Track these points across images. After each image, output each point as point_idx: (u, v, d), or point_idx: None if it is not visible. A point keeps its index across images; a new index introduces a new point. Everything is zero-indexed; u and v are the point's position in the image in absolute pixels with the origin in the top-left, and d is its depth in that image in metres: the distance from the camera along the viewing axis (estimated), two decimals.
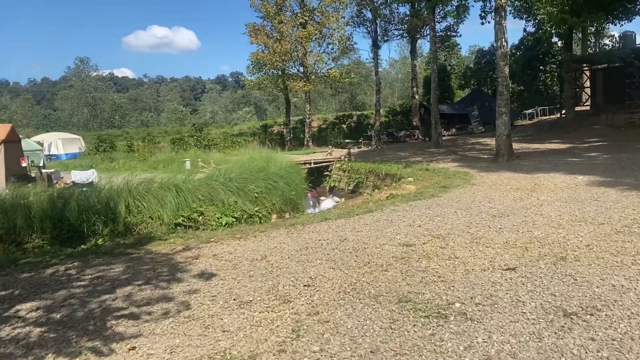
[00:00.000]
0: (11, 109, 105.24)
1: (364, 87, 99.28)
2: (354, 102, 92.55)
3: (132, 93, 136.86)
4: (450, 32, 38.04)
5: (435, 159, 21.09)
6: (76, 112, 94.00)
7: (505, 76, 17.91)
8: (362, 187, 19.56)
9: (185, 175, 12.87)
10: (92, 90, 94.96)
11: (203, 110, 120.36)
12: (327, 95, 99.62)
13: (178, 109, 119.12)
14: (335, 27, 33.41)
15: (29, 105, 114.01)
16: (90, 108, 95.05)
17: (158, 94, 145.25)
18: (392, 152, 27.49)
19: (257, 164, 15.76)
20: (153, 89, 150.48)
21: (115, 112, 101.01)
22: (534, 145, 24.30)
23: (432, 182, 13.91)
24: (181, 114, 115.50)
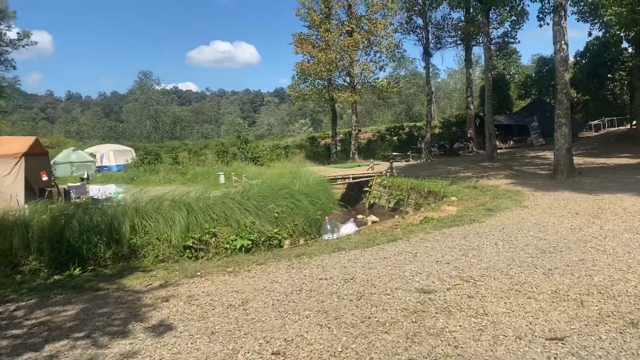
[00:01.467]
0: (80, 121, 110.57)
1: (420, 98, 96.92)
2: (410, 113, 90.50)
3: (194, 106, 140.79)
4: (508, 38, 35.70)
5: (486, 175, 19.25)
6: (139, 124, 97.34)
7: (565, 83, 15.94)
8: (404, 205, 18.00)
9: (200, 192, 11.83)
10: (155, 103, 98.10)
11: (260, 123, 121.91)
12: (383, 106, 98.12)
13: (236, 122, 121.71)
14: (384, 34, 31.96)
15: (97, 117, 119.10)
16: (153, 120, 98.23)
17: (219, 106, 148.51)
18: (441, 166, 25.69)
19: (285, 179, 14.58)
20: (214, 102, 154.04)
21: (175, 125, 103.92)
22: (600, 159, 21.92)
23: (476, 203, 12.24)
24: (239, 126, 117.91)
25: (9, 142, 15.00)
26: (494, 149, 25.50)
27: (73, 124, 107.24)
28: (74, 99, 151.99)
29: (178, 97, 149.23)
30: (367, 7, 32.17)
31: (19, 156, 14.00)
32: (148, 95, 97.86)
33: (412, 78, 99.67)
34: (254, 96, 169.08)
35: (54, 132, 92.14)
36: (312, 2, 32.15)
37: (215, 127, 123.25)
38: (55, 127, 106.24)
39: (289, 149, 42.36)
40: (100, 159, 38.81)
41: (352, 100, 33.14)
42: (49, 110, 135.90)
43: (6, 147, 14.14)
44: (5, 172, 13.92)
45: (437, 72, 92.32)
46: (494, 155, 25.15)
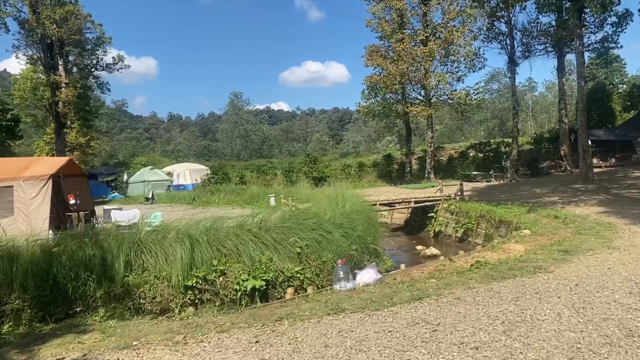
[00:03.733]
0: (177, 140, 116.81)
1: None
2: (503, 129, 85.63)
3: (284, 125, 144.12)
4: (608, 42, 31.55)
5: (576, 200, 16.21)
6: (230, 143, 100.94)
7: None
8: (472, 235, 15.44)
9: (212, 222, 10.25)
10: (244, 122, 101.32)
11: (347, 141, 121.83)
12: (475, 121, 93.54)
13: (321, 139, 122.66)
14: (463, 43, 29.28)
15: (193, 137, 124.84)
16: (242, 139, 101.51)
17: (307, 125, 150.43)
18: (526, 187, 22.59)
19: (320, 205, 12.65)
20: (304, 121, 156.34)
21: (264, 143, 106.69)
22: None
23: (552, 240, 9.65)
24: (324, 144, 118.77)
25: (41, 163, 14.42)
26: (589, 168, 21.97)
27: (171, 143, 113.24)
28: (174, 120, 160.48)
29: (269, 117, 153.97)
30: (443, 14, 29.71)
31: (47, 178, 13.28)
32: (238, 115, 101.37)
33: (507, 92, 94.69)
34: (342, 114, 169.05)
35: (155, 151, 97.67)
36: (383, 12, 30.22)
37: (303, 145, 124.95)
38: (156, 146, 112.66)
39: (364, 168, 40.40)
40: (177, 177, 39.14)
41: (427, 115, 30.59)
42: (152, 130, 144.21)
43: (35, 169, 13.51)
44: (32, 195, 13.25)
45: (535, 85, 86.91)
46: (589, 176, 21.65)
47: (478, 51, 30.37)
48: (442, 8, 29.82)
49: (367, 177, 37.27)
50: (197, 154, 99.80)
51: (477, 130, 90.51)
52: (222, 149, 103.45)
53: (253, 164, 58.60)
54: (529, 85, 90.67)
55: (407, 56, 28.08)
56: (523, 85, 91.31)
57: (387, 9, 29.97)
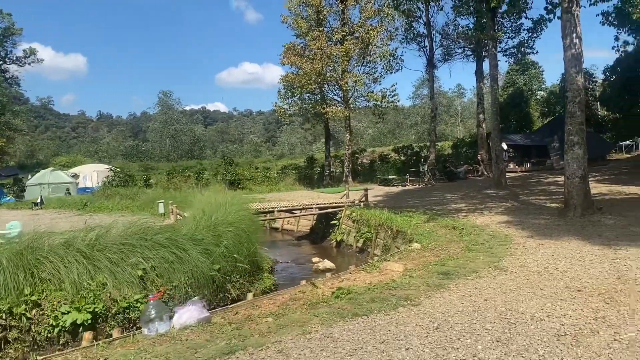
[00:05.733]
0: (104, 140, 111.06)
1: (444, 117, 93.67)
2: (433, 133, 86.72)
3: (219, 126, 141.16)
4: (525, 48, 31.65)
5: (483, 207, 15.33)
6: (159, 143, 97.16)
7: (578, 89, 12.02)
8: (372, 246, 14.16)
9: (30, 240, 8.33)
10: (175, 122, 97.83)
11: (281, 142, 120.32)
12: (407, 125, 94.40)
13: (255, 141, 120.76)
14: (380, 43, 28.33)
15: (123, 137, 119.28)
16: (172, 140, 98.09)
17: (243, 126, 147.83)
18: (438, 193, 21.78)
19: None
20: (240, 122, 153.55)
21: (195, 144, 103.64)
22: (630, 188, 17.73)
23: (438, 258, 8.41)
24: (257, 145, 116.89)
25: None
26: (502, 173, 21.41)
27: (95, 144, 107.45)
28: (104, 119, 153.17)
29: (205, 117, 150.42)
30: (361, 12, 28.60)
31: None
32: (168, 115, 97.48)
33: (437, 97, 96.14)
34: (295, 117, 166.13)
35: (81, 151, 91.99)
36: (299, 8, 28.76)
37: (239, 146, 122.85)
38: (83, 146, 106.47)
39: (286, 171, 38.86)
40: (83, 179, 36.01)
41: (343, 116, 29.42)
42: (79, 129, 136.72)
43: None
44: None
45: (464, 92, 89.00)
46: (501, 181, 21.07)
47: (395, 52, 29.54)
48: (359, 6, 28.74)
49: (288, 180, 35.75)
50: (124, 155, 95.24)
51: (409, 134, 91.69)
52: (152, 150, 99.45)
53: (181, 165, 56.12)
54: (458, 91, 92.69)
55: (323, 55, 26.75)
56: (452, 92, 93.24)
57: (303, 5, 28.55)
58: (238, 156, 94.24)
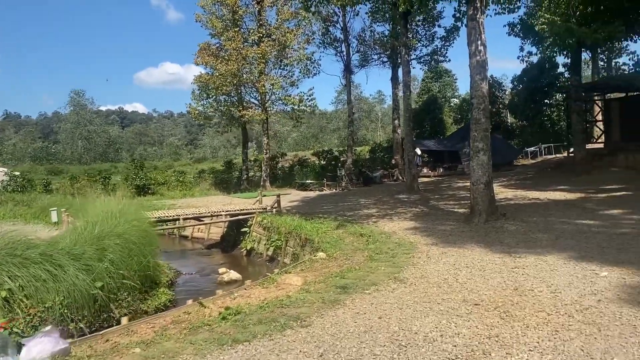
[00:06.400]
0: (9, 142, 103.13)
1: (365, 123, 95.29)
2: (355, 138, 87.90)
3: (137, 127, 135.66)
4: (438, 56, 32.56)
5: (393, 212, 15.25)
6: (71, 145, 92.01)
7: (483, 96, 12.15)
8: (282, 254, 13.65)
9: None
10: (87, 123, 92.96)
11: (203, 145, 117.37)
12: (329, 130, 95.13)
13: (174, 144, 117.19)
14: (296, 46, 27.99)
15: (31, 138, 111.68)
16: (85, 141, 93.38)
17: (163, 128, 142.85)
18: (353, 198, 21.65)
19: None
20: (160, 124, 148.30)
21: (109, 146, 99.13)
22: (534, 192, 18.37)
23: (340, 269, 8.02)
24: (176, 148, 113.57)
25: None
26: (414, 178, 21.65)
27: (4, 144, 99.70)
28: (11, 118, 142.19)
29: (122, 119, 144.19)
30: (277, 14, 28.11)
31: None
32: (80, 115, 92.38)
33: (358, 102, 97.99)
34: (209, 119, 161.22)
35: None
36: (214, 6, 27.80)
37: (158, 149, 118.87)
38: None
39: (203, 175, 37.57)
40: None
41: (260, 119, 28.75)
42: None
43: None
44: None
45: (384, 98, 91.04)
46: (414, 186, 21.29)
47: (312, 56, 29.34)
48: (276, 8, 28.24)
49: (204, 185, 34.53)
50: (33, 157, 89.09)
51: (332, 138, 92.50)
52: (63, 152, 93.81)
53: (94, 169, 53.23)
54: (379, 97, 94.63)
55: (239, 56, 25.97)
56: (373, 98, 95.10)
57: (218, 4, 27.61)
58: (157, 159, 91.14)
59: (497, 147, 34.10)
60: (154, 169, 47.81)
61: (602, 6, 19.58)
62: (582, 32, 18.57)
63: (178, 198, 26.69)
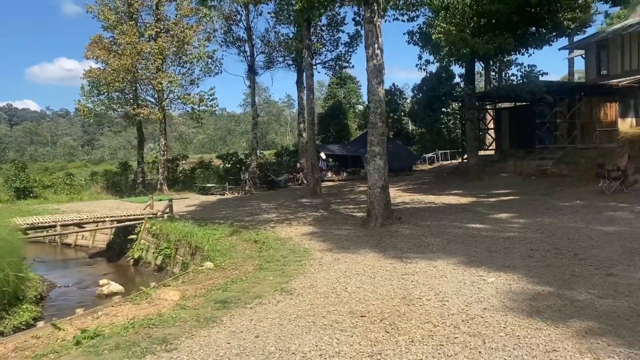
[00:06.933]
0: None
1: (274, 126, 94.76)
2: (263, 141, 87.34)
3: (27, 126, 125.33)
4: (342, 61, 32.85)
5: (293, 217, 14.85)
6: None
7: (380, 100, 12.09)
8: (171, 264, 12.76)
9: None
10: None
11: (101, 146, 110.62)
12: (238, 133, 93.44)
13: (69, 144, 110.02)
14: (197, 43, 26.88)
15: None
16: None
17: (58, 127, 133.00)
18: (255, 202, 21.03)
19: None
20: (54, 122, 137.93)
21: None
22: (430, 196, 18.83)
23: (226, 279, 7.44)
24: (71, 148, 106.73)
25: None
26: (317, 182, 21.48)
27: None
28: None
29: (11, 116, 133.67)
30: (177, 9, 26.84)
31: None
32: None
33: (267, 106, 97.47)
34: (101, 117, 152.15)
35: None
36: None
37: (52, 149, 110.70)
38: None
39: (95, 177, 35.08)
40: None
41: (157, 119, 27.28)
42: None
43: None
44: None
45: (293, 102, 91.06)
46: (316, 190, 21.11)
47: (213, 54, 28.37)
48: (175, 3, 26.96)
49: (96, 188, 32.24)
50: None
51: (240, 141, 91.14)
52: None
53: None
54: (288, 101, 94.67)
55: (133, 51, 24.44)
56: (283, 101, 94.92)
57: None
58: (49, 160, 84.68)
59: (398, 152, 35.09)
60: (45, 170, 44.13)
61: (493, 19, 20.49)
62: (475, 42, 19.35)
63: (64, 202, 24.60)
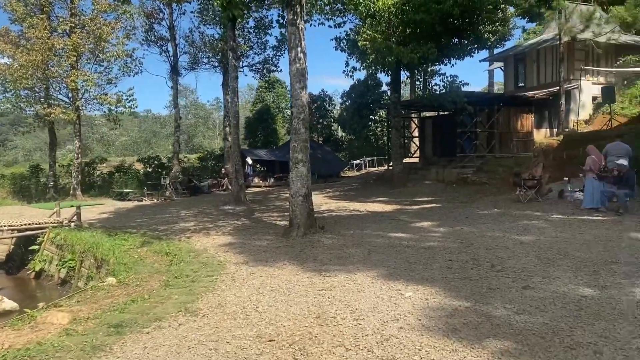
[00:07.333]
0: None
1: (202, 129, 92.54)
2: (190, 144, 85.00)
3: None
4: (270, 64, 32.38)
5: (213, 226, 14.17)
6: None
7: (303, 105, 11.73)
8: (75, 277, 11.74)
9: None
10: None
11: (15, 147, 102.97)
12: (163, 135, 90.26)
13: None
14: (115, 41, 25.46)
15: None
16: None
17: None
18: (175, 208, 20.09)
19: None
20: None
21: None
22: (355, 204, 18.72)
23: (127, 298, 6.73)
24: None
25: None
26: (241, 188, 20.81)
27: None
28: None
29: None
30: (94, 4, 25.29)
31: None
32: None
33: (194, 108, 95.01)
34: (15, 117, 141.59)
35: None
36: None
37: None
38: None
39: (3, 180, 32.48)
40: None
41: (69, 119, 25.53)
42: None
43: None
44: None
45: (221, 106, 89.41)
46: (240, 197, 20.45)
47: (133, 53, 27.00)
48: None
49: (2, 192, 29.83)
50: None
51: (166, 144, 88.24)
52: None
53: None
54: (217, 104, 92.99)
55: (44, 46, 22.73)
56: (211, 104, 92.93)
57: None
58: None
59: (326, 158, 35.08)
60: None
61: (418, 29, 20.75)
62: (400, 51, 19.50)
63: None
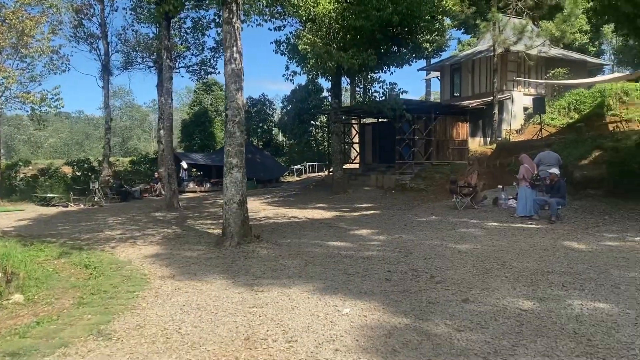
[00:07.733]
0: None
1: (137, 132, 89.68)
2: (125, 147, 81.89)
3: None
4: (207, 66, 31.48)
5: (140, 234, 13.32)
6: None
7: (239, 107, 11.18)
8: None
9: None
10: None
11: None
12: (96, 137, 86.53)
13: None
14: (40, 37, 23.87)
15: None
16: None
17: None
18: (102, 215, 18.91)
19: None
20: None
21: None
22: (294, 210, 18.31)
23: (30, 321, 5.96)
24: None
25: None
26: (174, 194, 19.92)
27: None
28: None
29: None
30: None
31: None
32: None
33: (129, 110, 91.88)
34: None
35: None
36: None
37: None
38: None
39: None
40: None
41: None
42: None
43: None
44: None
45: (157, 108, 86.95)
46: (173, 203, 19.57)
47: (59, 49, 25.42)
48: None
49: None
50: None
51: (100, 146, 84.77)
52: None
53: None
54: (154, 106, 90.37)
55: None
56: (148, 106, 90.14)
57: None
58: None
59: (266, 163, 34.51)
60: None
61: (358, 35, 20.66)
62: (340, 56, 19.30)
63: None
